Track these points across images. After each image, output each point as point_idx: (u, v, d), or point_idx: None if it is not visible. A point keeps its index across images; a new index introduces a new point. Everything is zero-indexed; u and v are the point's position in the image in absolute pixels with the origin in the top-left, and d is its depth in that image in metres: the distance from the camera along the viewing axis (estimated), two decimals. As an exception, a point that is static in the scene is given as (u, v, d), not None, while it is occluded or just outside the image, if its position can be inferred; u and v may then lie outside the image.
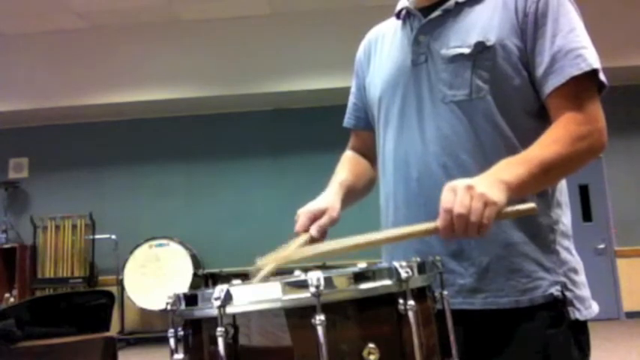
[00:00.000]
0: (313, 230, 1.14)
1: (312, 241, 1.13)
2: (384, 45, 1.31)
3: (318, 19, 6.62)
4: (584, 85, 1.06)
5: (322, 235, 1.15)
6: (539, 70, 1.08)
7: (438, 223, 0.92)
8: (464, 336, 1.00)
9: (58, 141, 7.35)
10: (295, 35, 6.69)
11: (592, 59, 1.06)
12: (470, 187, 0.91)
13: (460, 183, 0.92)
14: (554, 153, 1.01)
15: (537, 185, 1.03)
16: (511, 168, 0.98)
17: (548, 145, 1.02)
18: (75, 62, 6.81)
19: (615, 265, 6.81)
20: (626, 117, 6.54)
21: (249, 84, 6.70)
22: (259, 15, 6.67)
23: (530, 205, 0.95)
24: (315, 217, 1.15)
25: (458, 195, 0.91)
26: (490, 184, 0.93)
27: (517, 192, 0.96)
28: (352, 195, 1.29)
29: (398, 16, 1.27)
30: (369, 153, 1.38)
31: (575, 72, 1.04)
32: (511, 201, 0.94)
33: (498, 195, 0.92)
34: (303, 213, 1.16)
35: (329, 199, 1.21)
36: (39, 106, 6.78)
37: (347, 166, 1.36)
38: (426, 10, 1.19)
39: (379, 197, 1.29)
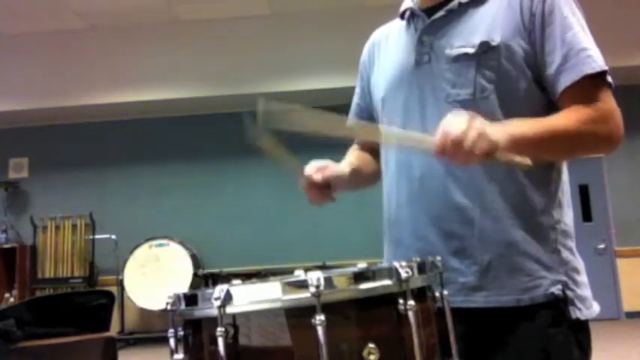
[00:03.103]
0: (317, 176, 1.20)
1: (313, 184, 1.22)
2: (388, 46, 1.31)
3: (318, 19, 6.62)
4: (596, 84, 1.07)
5: (324, 181, 1.21)
6: (551, 69, 1.08)
7: (435, 140, 0.96)
8: (465, 334, 1.00)
9: (58, 141, 7.35)
10: (295, 35, 6.69)
11: (601, 61, 1.07)
12: (472, 119, 0.94)
13: (465, 113, 0.96)
14: (566, 124, 1.03)
15: (541, 149, 1.03)
16: (519, 124, 1.01)
17: (563, 117, 1.05)
18: (75, 62, 6.80)
19: (615, 265, 6.81)
20: (626, 117, 6.50)
21: (249, 84, 6.70)
22: (259, 15, 6.67)
23: (526, 159, 0.96)
24: (320, 170, 1.22)
25: (459, 121, 0.94)
26: (493, 127, 0.96)
27: (518, 145, 0.98)
28: (358, 175, 1.34)
29: (402, 16, 1.28)
30: (372, 152, 1.39)
31: (588, 70, 1.05)
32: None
33: (497, 135, 0.95)
34: (309, 165, 1.23)
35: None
36: (39, 106, 6.78)
37: (354, 154, 1.41)
38: (430, 11, 1.20)
39: (380, 196, 1.29)
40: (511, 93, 1.10)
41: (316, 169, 1.22)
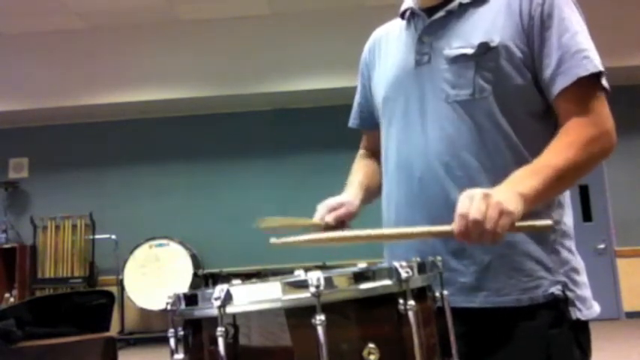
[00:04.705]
0: (329, 217, 1.19)
1: (327, 227, 1.18)
2: (389, 45, 1.31)
3: (317, 19, 6.62)
4: (591, 87, 1.07)
5: (339, 225, 1.19)
6: (547, 72, 1.08)
7: (454, 226, 0.93)
8: (465, 334, 1.00)
9: (58, 141, 7.35)
10: (295, 35, 6.69)
11: (597, 62, 1.07)
12: (487, 195, 0.92)
13: (477, 191, 0.94)
14: (568, 160, 1.02)
15: (552, 193, 1.04)
16: (526, 179, 0.99)
17: (561, 151, 1.03)
18: (75, 62, 6.80)
19: (615, 265, 6.81)
20: (626, 117, 6.54)
21: (249, 84, 6.70)
22: (259, 15, 6.67)
23: (547, 222, 0.96)
24: (333, 210, 1.20)
25: (474, 202, 0.92)
26: (506, 195, 0.94)
27: (533, 203, 0.97)
28: (369, 194, 1.33)
29: (402, 16, 1.28)
30: (379, 151, 1.39)
31: (582, 73, 1.05)
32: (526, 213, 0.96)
33: (514, 205, 0.93)
34: (322, 205, 1.21)
35: (349, 195, 1.27)
36: (39, 106, 6.78)
37: (361, 167, 1.41)
38: (430, 11, 1.20)
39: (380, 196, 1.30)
40: (510, 94, 1.10)
41: (328, 210, 1.20)
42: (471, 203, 0.92)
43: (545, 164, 1.02)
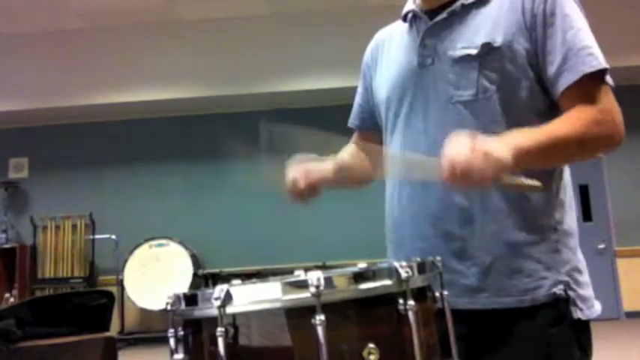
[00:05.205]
0: (302, 182, 1.23)
1: (296, 189, 1.24)
2: (391, 48, 1.31)
3: (317, 19, 6.62)
4: (596, 83, 1.07)
5: (310, 190, 1.24)
6: (552, 69, 1.08)
7: (443, 172, 0.95)
8: (466, 334, 1.00)
9: (58, 141, 7.35)
10: (294, 35, 6.68)
11: (602, 59, 1.07)
12: (475, 141, 0.93)
13: (466, 135, 0.94)
14: (567, 130, 1.02)
15: (545, 158, 1.03)
16: (521, 135, 1.00)
17: (562, 122, 1.04)
18: (75, 62, 6.80)
19: (615, 265, 6.80)
20: (626, 117, 6.50)
21: (249, 84, 6.70)
22: (258, 15, 6.66)
23: (536, 182, 0.96)
24: (307, 174, 1.24)
25: (462, 147, 0.93)
26: (496, 145, 0.95)
27: (523, 158, 0.97)
28: (346, 175, 1.32)
29: (404, 18, 1.28)
30: (368, 154, 1.38)
31: (588, 69, 1.05)
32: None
33: (502, 152, 0.94)
34: (297, 167, 1.25)
35: (325, 163, 1.30)
36: (39, 106, 6.77)
37: (349, 150, 1.40)
38: (432, 13, 1.20)
39: (380, 195, 1.30)
40: (513, 93, 1.10)
41: (300, 172, 1.22)
42: (459, 148, 0.93)
43: (544, 130, 1.02)
